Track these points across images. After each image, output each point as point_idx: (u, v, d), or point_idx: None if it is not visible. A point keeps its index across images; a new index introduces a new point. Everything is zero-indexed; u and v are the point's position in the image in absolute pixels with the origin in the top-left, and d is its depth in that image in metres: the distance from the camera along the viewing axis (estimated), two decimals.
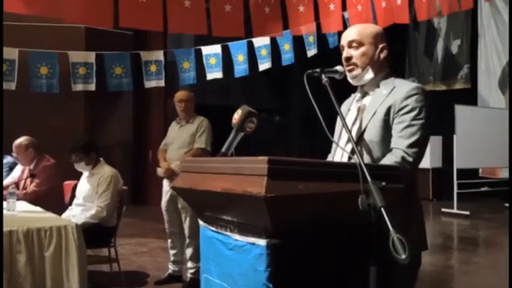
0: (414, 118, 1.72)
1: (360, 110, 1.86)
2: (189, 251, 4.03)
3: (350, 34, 1.88)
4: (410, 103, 1.73)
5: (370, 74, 1.85)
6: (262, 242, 1.36)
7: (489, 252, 6.19)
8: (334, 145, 1.93)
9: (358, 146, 1.76)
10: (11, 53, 5.46)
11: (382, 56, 1.86)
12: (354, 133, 1.81)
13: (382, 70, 1.87)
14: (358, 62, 1.85)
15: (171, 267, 4.17)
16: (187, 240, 4.03)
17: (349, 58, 1.86)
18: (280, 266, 1.35)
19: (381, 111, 1.77)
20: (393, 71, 1.91)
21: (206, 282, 1.66)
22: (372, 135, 1.77)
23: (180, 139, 4.11)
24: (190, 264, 4.02)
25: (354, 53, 1.85)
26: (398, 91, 1.78)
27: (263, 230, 1.36)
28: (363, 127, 1.79)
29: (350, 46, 1.86)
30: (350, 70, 1.86)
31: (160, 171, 4.13)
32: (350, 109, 1.93)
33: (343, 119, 1.66)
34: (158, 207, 4.33)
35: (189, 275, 4.03)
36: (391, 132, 1.75)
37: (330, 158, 1.98)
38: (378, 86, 1.85)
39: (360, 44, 1.84)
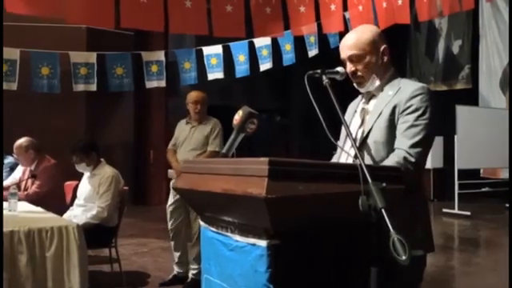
0: (418, 118, 1.71)
1: (366, 112, 1.86)
2: (193, 252, 3.99)
3: (347, 49, 1.83)
4: (415, 103, 1.72)
5: (376, 82, 1.84)
6: (263, 243, 1.36)
7: (490, 253, 6.18)
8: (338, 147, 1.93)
9: (363, 146, 1.76)
10: (13, 53, 5.47)
11: (385, 58, 1.85)
12: (359, 134, 1.81)
13: (387, 71, 1.86)
14: (364, 75, 1.83)
15: (176, 268, 4.15)
16: (193, 240, 3.99)
17: (354, 73, 1.83)
18: (280, 267, 1.35)
19: (386, 111, 1.77)
20: (397, 70, 1.90)
21: (207, 283, 1.67)
22: (377, 136, 1.77)
23: (193, 141, 4.03)
24: (192, 265, 4.01)
25: (359, 66, 1.82)
26: (404, 91, 1.77)
27: (264, 230, 1.36)
28: (369, 128, 1.79)
29: (351, 61, 1.83)
30: (359, 83, 1.85)
31: (172, 173, 4.04)
32: (356, 110, 1.93)
33: (344, 121, 1.66)
34: (159, 207, 4.32)
35: (190, 275, 4.01)
36: (396, 132, 1.75)
37: (335, 160, 1.98)
38: (385, 88, 1.84)
39: (360, 57, 1.81)
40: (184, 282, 4.08)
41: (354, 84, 1.87)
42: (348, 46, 1.83)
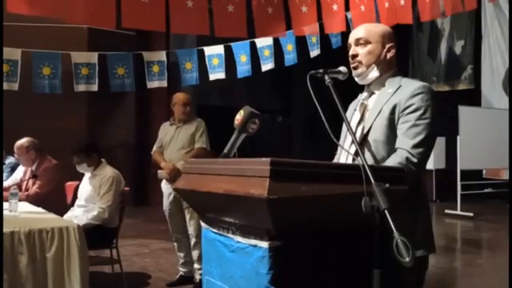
0: (419, 118, 1.69)
1: (365, 110, 1.84)
2: (195, 252, 3.99)
3: (357, 32, 1.87)
4: (416, 102, 1.71)
5: (374, 73, 1.84)
6: (265, 245, 1.34)
7: (492, 254, 6.15)
8: (339, 146, 1.92)
9: (362, 145, 1.74)
10: (14, 53, 5.46)
11: (388, 56, 1.85)
12: (359, 133, 1.79)
13: (389, 69, 1.86)
14: (363, 60, 1.83)
15: (181, 269, 4.14)
16: (193, 240, 3.99)
17: (354, 56, 1.85)
18: (282, 269, 1.34)
19: (386, 110, 1.75)
20: (399, 71, 1.89)
21: (208, 285, 1.65)
22: (377, 134, 1.75)
23: (179, 140, 4.10)
24: (197, 265, 3.98)
25: (361, 51, 1.84)
26: (404, 90, 1.76)
27: (265, 232, 1.35)
28: (368, 126, 1.77)
29: (356, 43, 1.85)
30: (355, 68, 1.85)
31: (162, 173, 4.08)
32: (355, 108, 1.91)
33: (346, 120, 1.64)
34: (160, 208, 4.31)
35: (198, 276, 3.97)
36: (396, 131, 1.73)
37: (335, 160, 1.97)
38: (384, 86, 1.83)
39: (367, 42, 1.83)
40: (190, 281, 4.06)
41: (353, 72, 1.86)
42: (358, 31, 1.88)
